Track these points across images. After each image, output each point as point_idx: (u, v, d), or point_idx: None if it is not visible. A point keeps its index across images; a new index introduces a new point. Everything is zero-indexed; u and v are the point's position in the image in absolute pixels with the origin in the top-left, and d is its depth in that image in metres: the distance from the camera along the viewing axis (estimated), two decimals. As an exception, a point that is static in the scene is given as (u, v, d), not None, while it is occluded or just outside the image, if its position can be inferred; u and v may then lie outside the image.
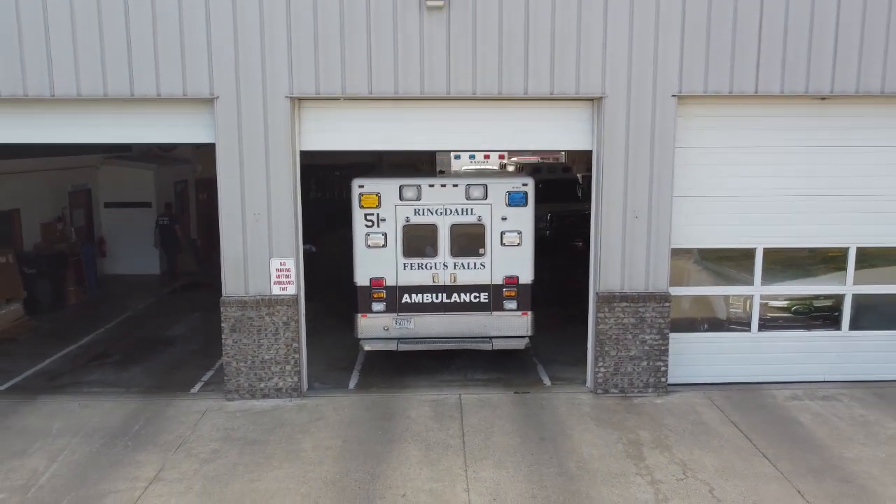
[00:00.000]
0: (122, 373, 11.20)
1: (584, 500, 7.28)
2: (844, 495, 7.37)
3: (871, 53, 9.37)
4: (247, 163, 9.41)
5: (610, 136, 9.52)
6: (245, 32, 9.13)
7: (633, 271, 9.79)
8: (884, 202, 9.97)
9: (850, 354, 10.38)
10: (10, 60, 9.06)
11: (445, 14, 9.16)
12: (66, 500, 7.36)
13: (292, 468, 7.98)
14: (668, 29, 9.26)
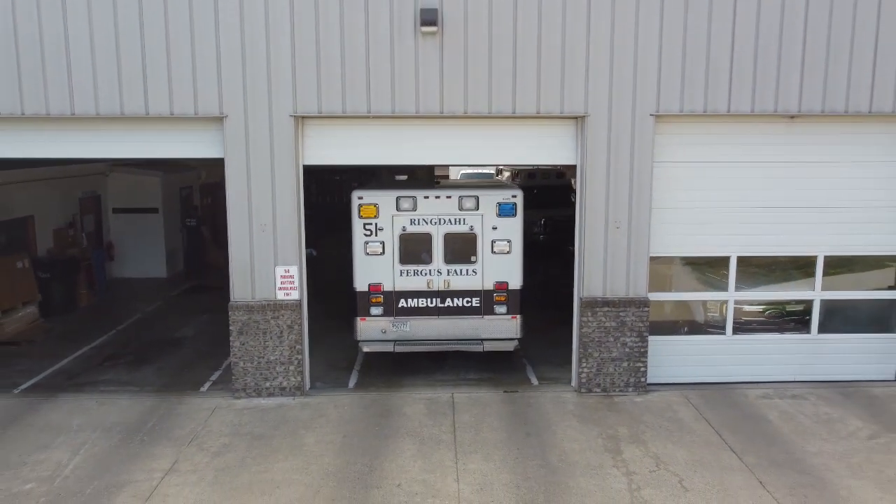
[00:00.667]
0: (135, 372, 11.89)
1: (563, 490, 7.96)
2: (802, 485, 8.05)
3: (836, 76, 10.05)
4: (254, 177, 10.10)
5: (592, 152, 10.21)
6: (252, 56, 9.81)
7: (615, 278, 10.48)
8: (848, 214, 10.65)
9: (818, 356, 11.06)
10: (34, 82, 9.74)
11: (438, 39, 9.84)
12: (89, 489, 8.04)
13: (296, 461, 8.66)
14: (646, 53, 9.94)
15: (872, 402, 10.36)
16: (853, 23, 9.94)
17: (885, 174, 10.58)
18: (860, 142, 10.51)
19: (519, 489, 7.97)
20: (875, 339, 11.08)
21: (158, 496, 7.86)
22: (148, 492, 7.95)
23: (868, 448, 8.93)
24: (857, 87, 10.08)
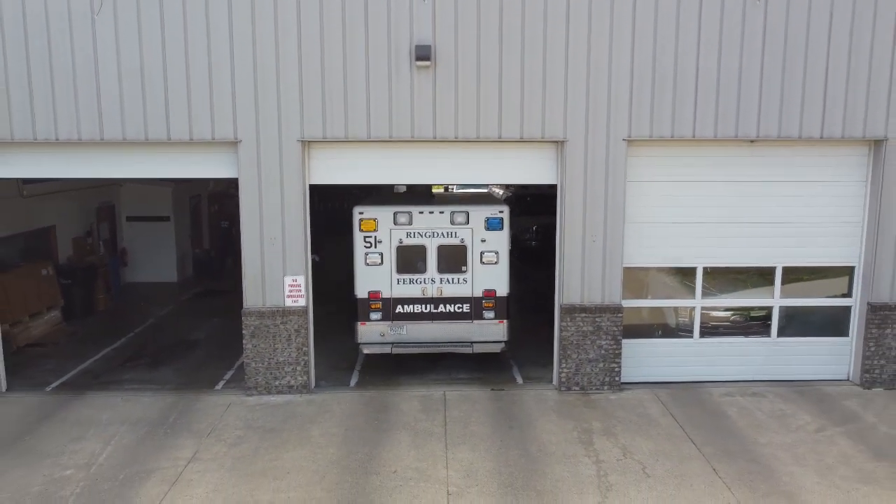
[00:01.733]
0: (154, 372, 12.97)
1: (539, 476, 9.04)
2: (750, 472, 9.12)
3: (790, 106, 11.13)
4: (265, 195, 11.18)
5: (571, 173, 11.28)
6: (264, 87, 10.89)
7: (591, 287, 11.56)
8: (803, 228, 11.73)
9: (777, 358, 12.14)
10: (67, 111, 10.82)
11: (432, 71, 10.92)
12: (122, 475, 9.12)
13: (304, 451, 9.74)
14: (619, 85, 11.02)
15: (824, 399, 11.44)
16: (805, 59, 11.02)
17: (834, 193, 11.67)
18: (813, 164, 11.59)
19: (500, 475, 9.06)
20: (829, 342, 12.16)
21: (183, 481, 8.94)
22: (174, 477, 9.03)
23: (813, 440, 10.01)
24: (809, 116, 11.16)
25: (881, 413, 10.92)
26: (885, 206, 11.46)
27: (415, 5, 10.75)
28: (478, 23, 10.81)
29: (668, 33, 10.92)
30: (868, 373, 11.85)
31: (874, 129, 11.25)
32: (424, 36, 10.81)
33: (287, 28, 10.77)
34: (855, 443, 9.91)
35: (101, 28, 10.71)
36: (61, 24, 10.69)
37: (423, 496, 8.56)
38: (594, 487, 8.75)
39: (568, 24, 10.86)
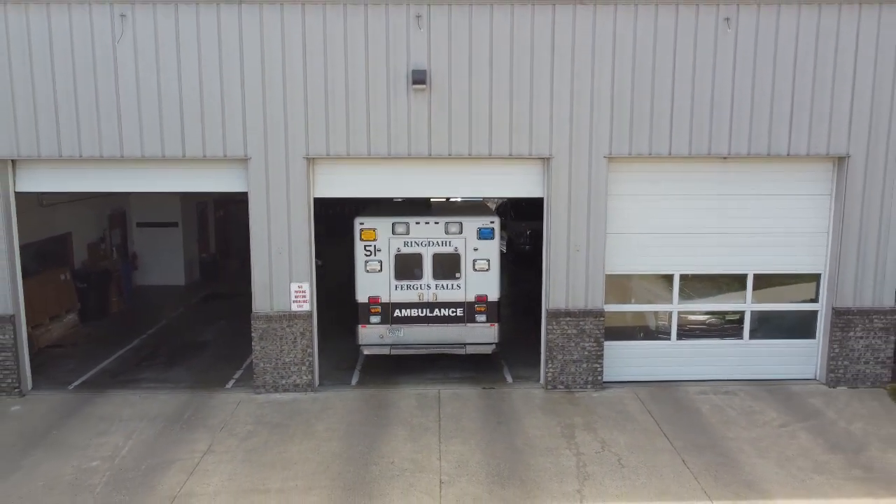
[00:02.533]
0: (168, 371, 13.87)
1: (524, 466, 9.94)
2: (716, 463, 10.02)
3: (759, 125, 12.01)
4: (272, 208, 12.07)
5: (556, 187, 12.17)
6: (272, 109, 11.77)
7: (575, 293, 12.45)
8: (772, 238, 12.62)
9: (749, 358, 13.03)
10: (90, 131, 11.71)
11: (427, 94, 11.81)
12: (144, 465, 10.02)
13: (309, 444, 10.64)
14: (600, 106, 11.90)
15: (791, 397, 12.34)
16: (772, 83, 11.90)
17: (802, 205, 12.56)
18: (781, 178, 12.48)
19: (489, 466, 9.96)
20: (798, 343, 13.04)
21: (200, 471, 9.84)
22: (192, 467, 9.94)
23: (777, 434, 10.91)
24: (776, 135, 12.04)
25: (842, 410, 11.81)
26: (847, 218, 12.34)
27: (411, 33, 11.64)
28: (469, 50, 11.70)
29: (645, 59, 11.80)
30: (833, 372, 12.74)
31: (837, 147, 12.14)
32: (420, 61, 11.70)
33: (293, 54, 11.66)
34: (814, 437, 10.81)
35: (122, 54, 11.60)
36: (85, 50, 11.58)
37: (418, 484, 9.47)
38: (573, 477, 9.65)
39: (553, 51, 11.74)
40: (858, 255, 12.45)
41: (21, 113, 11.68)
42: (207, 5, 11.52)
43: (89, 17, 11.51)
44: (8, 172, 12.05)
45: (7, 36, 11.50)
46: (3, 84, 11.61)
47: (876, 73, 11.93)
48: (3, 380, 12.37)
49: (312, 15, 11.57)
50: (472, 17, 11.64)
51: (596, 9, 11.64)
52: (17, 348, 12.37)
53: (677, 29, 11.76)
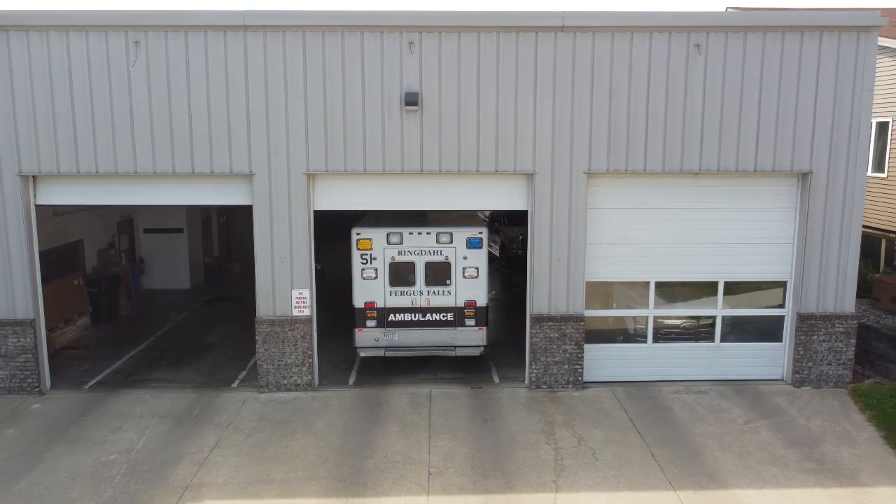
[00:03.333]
0: (177, 372, 14.76)
1: (506, 460, 10.84)
2: (682, 456, 10.93)
3: (728, 142, 12.91)
4: (275, 220, 12.96)
5: (539, 201, 13.07)
6: (275, 128, 12.67)
7: (557, 299, 13.35)
8: (741, 248, 13.52)
9: (720, 360, 13.93)
10: (106, 148, 12.61)
11: (419, 115, 12.70)
12: (157, 458, 10.93)
13: (309, 439, 11.54)
14: (580, 126, 12.80)
15: (757, 396, 13.24)
16: (740, 103, 12.79)
17: (768, 217, 13.46)
18: (749, 192, 13.39)
19: (474, 459, 10.87)
20: (766, 346, 13.94)
21: (209, 463, 10.75)
22: (201, 460, 10.84)
23: (740, 430, 11.82)
24: (744, 152, 12.94)
25: (803, 408, 12.72)
26: (811, 229, 13.24)
27: (404, 59, 12.54)
28: (458, 74, 12.60)
29: (621, 82, 12.70)
30: (798, 373, 13.65)
31: (800, 163, 13.04)
32: (412, 84, 12.60)
33: (294, 77, 12.55)
34: (775, 433, 11.72)
35: (136, 78, 12.50)
36: (101, 73, 12.47)
37: (409, 475, 10.38)
38: (550, 469, 10.56)
39: (536, 74, 12.63)
40: (821, 264, 13.35)
41: (42, 132, 12.58)
42: (215, 32, 12.42)
43: (105, 43, 12.41)
44: (29, 187, 12.95)
45: (29, 60, 12.40)
46: (25, 105, 12.50)
47: (836, 94, 12.83)
48: (25, 379, 13.28)
49: (312, 41, 12.47)
50: (461, 43, 12.54)
51: (576, 36, 12.55)
52: (37, 350, 13.28)
53: (651, 54, 12.66)
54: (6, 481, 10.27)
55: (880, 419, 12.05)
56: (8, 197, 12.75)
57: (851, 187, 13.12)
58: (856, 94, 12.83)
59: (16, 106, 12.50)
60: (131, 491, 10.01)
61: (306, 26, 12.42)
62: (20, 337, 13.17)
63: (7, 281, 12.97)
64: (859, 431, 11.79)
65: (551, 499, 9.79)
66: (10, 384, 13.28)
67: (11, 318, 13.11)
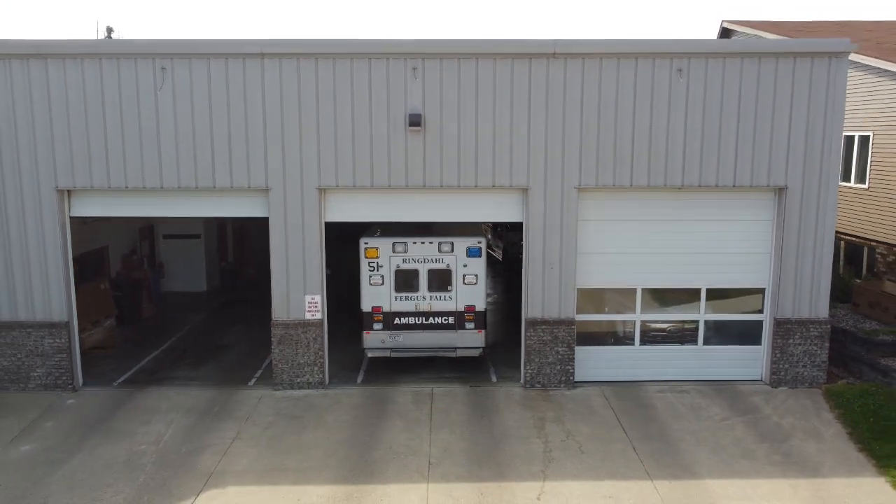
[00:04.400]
0: (197, 370, 15.90)
1: (500, 452, 11.90)
2: (660, 450, 11.95)
3: (708, 159, 13.90)
4: (290, 231, 14.06)
5: (533, 213, 14.11)
6: (289, 147, 13.76)
7: (550, 304, 14.38)
8: (722, 257, 14.51)
9: (703, 362, 14.91)
10: (135, 165, 13.75)
11: (422, 135, 13.77)
12: (183, 448, 12.05)
13: (320, 432, 12.63)
14: (570, 145, 13.82)
15: (736, 395, 14.22)
16: (719, 122, 13.77)
17: (747, 229, 14.44)
18: (729, 205, 14.37)
19: (470, 451, 11.93)
20: (745, 349, 14.92)
21: (231, 453, 11.87)
22: (223, 451, 11.96)
23: (716, 427, 12.82)
24: (723, 168, 13.93)
25: (778, 407, 13.69)
26: (786, 240, 14.21)
27: (408, 83, 13.61)
28: (458, 97, 13.66)
29: (609, 103, 13.72)
30: (775, 374, 14.62)
31: (776, 179, 14.02)
32: (416, 106, 13.66)
33: (307, 100, 13.64)
34: (748, 429, 12.71)
35: (162, 101, 13.63)
36: (130, 97, 13.61)
37: (411, 465, 11.45)
38: (539, 460, 11.61)
39: (529, 97, 13.67)
40: (796, 272, 14.32)
41: (76, 150, 13.74)
42: (235, 59, 13.54)
43: (135, 69, 13.55)
44: (64, 200, 14.11)
45: (65, 85, 13.55)
46: (61, 125, 13.67)
47: (809, 115, 13.79)
48: (60, 377, 14.45)
49: (324, 67, 13.56)
50: (461, 69, 13.60)
51: (566, 62, 13.58)
52: (70, 350, 14.45)
53: (636, 78, 13.67)
54: (49, 468, 11.43)
55: (847, 417, 13.02)
56: (46, 210, 13.92)
57: (824, 201, 14.08)
58: (828, 114, 13.79)
59: (53, 126, 13.67)
60: (161, 477, 11.14)
61: (318, 54, 13.53)
62: (55, 338, 14.34)
63: (44, 286, 14.15)
64: (827, 428, 12.77)
65: (538, 486, 10.84)
66: (46, 381, 14.46)
67: (48, 321, 14.28)
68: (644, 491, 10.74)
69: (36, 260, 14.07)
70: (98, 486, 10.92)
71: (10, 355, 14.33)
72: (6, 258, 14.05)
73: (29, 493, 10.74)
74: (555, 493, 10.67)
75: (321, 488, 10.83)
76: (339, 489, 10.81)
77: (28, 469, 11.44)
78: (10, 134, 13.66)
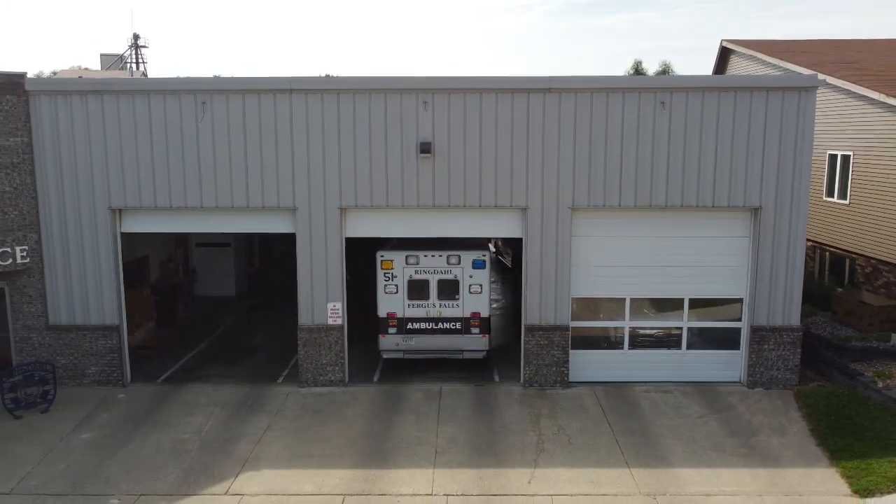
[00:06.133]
0: (231, 369, 17.71)
1: (497, 442, 13.54)
2: (640, 443, 13.52)
3: (689, 182, 15.42)
4: (314, 245, 15.81)
5: (531, 230, 15.73)
6: (314, 171, 15.52)
7: (547, 312, 15.99)
8: (703, 270, 16.02)
9: (686, 365, 16.43)
10: (178, 187, 15.58)
11: (432, 161, 15.45)
12: (222, 437, 13.84)
13: (341, 425, 14.35)
14: (564, 168, 15.42)
15: (715, 395, 15.72)
16: (699, 149, 15.30)
17: (727, 244, 15.94)
18: (709, 224, 15.88)
19: (472, 442, 13.59)
20: (725, 353, 16.41)
21: (263, 442, 13.63)
22: (257, 439, 13.73)
23: (693, 423, 14.35)
24: (703, 190, 15.45)
25: (751, 406, 15.19)
26: (761, 255, 15.69)
27: (420, 115, 15.30)
28: (464, 127, 15.32)
29: (599, 132, 15.30)
30: (752, 376, 16.11)
31: (752, 199, 15.51)
32: (426, 136, 15.35)
33: (330, 130, 15.38)
34: (721, 425, 14.23)
35: (202, 130, 15.45)
36: (175, 127, 15.44)
37: (420, 453, 13.14)
38: (532, 450, 13.24)
39: (528, 127, 15.30)
40: (771, 284, 15.79)
41: (127, 175, 15.60)
42: (266, 94, 15.31)
43: (179, 103, 15.38)
44: (116, 218, 15.99)
45: (118, 117, 15.41)
46: (114, 153, 15.53)
47: (780, 142, 15.26)
48: (111, 374, 16.34)
49: (345, 102, 15.30)
50: (466, 102, 15.26)
51: (561, 96, 15.18)
52: (120, 350, 16.32)
53: (624, 109, 15.23)
54: (108, 453, 13.27)
55: (812, 415, 14.49)
56: (100, 226, 15.81)
57: (795, 220, 15.55)
58: (798, 141, 15.26)
59: (108, 154, 15.54)
60: (204, 462, 12.93)
61: (340, 90, 15.27)
62: (108, 339, 16.23)
63: (99, 294, 16.03)
64: (792, 425, 14.25)
65: (530, 472, 12.48)
66: (99, 378, 16.35)
67: (101, 324, 16.17)
68: (622, 477, 12.33)
69: (92, 271, 15.96)
70: (150, 468, 12.73)
71: (68, 354, 16.23)
72: (66, 270, 15.95)
73: (93, 473, 12.58)
74: (544, 478, 12.30)
75: (341, 472, 12.55)
76: (357, 473, 12.52)
77: (90, 453, 13.29)
78: (70, 160, 15.56)
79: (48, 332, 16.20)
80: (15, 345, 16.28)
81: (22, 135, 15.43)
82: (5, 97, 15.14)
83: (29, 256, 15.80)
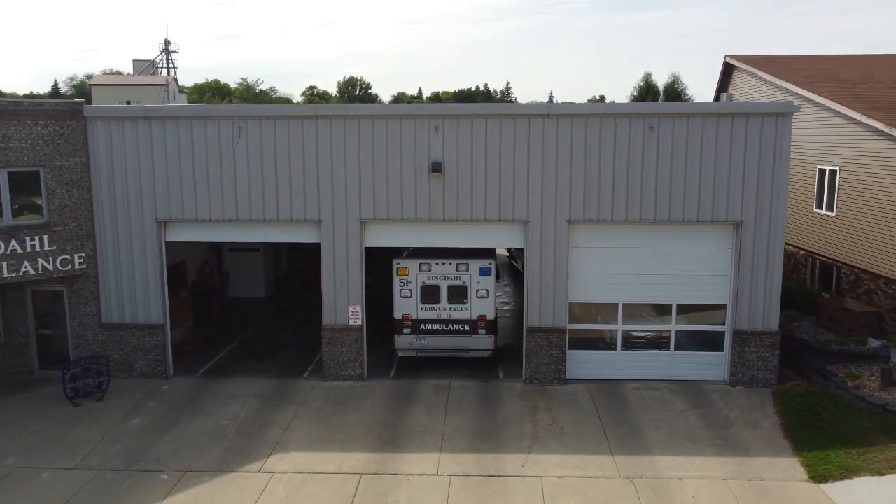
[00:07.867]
0: (262, 364, 19.61)
1: (497, 432, 15.23)
2: (625, 434, 15.12)
3: (676, 198, 16.98)
4: (337, 254, 17.64)
5: (532, 241, 17.40)
6: (337, 188, 17.35)
7: (546, 315, 17.64)
8: (690, 278, 17.55)
9: (674, 365, 17.97)
10: (215, 202, 17.51)
11: (442, 178, 17.19)
12: (256, 424, 15.71)
13: (360, 414, 16.15)
14: (562, 186, 17.07)
15: (699, 393, 17.25)
16: (685, 168, 16.85)
17: (712, 255, 17.46)
18: (696, 236, 17.41)
19: (475, 431, 15.30)
20: (710, 354, 17.92)
21: (291, 428, 15.49)
22: (286, 426, 15.59)
23: (675, 417, 15.92)
24: (688, 205, 16.99)
25: (731, 402, 16.70)
26: (742, 265, 17.19)
27: (431, 138, 17.05)
28: (471, 149, 17.04)
29: (593, 153, 16.92)
30: (734, 376, 17.60)
31: (733, 214, 17.02)
32: (437, 156, 17.10)
33: (351, 151, 17.20)
34: (700, 419, 15.78)
35: (239, 151, 17.36)
36: (214, 148, 17.38)
37: (428, 440, 14.90)
38: (528, 438, 14.93)
39: (528, 148, 16.98)
40: (751, 292, 17.28)
41: (172, 191, 17.58)
42: (294, 119, 17.19)
43: (217, 127, 17.31)
44: (161, 229, 17.98)
45: (164, 140, 17.39)
46: (160, 172, 17.51)
47: (759, 163, 16.75)
48: (156, 368, 18.34)
49: (364, 126, 17.10)
50: (473, 126, 16.98)
51: (558, 121, 16.84)
52: (164, 347, 18.31)
53: (615, 133, 16.84)
54: (156, 436, 15.22)
55: (785, 412, 15.96)
56: (148, 237, 17.81)
57: (774, 233, 17.02)
58: (775, 162, 16.74)
59: (155, 172, 17.53)
60: (240, 444, 14.82)
61: (360, 115, 17.09)
62: (153, 336, 18.23)
63: (146, 296, 18.04)
64: (766, 420, 15.75)
65: (524, 457, 14.17)
66: (145, 371, 18.36)
67: (148, 323, 18.18)
68: (605, 463, 13.96)
69: (140, 276, 17.97)
70: (195, 448, 14.65)
71: (119, 350, 18.26)
72: (117, 275, 17.98)
73: (145, 453, 14.52)
74: (536, 462, 13.98)
75: (360, 455, 14.35)
76: (373, 456, 14.31)
77: (141, 436, 15.25)
78: (122, 178, 17.58)
79: (101, 329, 18.24)
80: (72, 341, 18.36)
81: (80, 155, 17.48)
82: (67, 123, 17.20)
83: (85, 263, 17.86)
